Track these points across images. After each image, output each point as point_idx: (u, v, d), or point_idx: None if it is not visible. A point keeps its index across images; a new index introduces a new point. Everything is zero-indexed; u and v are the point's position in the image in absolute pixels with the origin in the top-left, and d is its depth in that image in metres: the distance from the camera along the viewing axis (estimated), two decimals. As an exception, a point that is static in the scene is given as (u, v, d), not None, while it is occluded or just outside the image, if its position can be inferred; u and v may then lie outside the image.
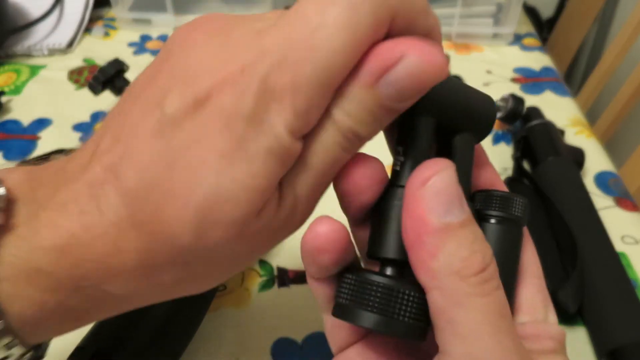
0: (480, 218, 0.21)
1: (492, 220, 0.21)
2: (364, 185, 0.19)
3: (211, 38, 0.19)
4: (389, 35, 0.18)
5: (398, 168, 0.20)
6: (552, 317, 0.21)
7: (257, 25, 0.18)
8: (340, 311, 0.19)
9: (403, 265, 0.19)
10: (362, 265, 0.23)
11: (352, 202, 0.20)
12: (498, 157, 0.52)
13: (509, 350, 0.17)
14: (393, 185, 0.20)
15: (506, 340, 0.17)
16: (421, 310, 0.18)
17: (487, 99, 0.21)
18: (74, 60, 0.67)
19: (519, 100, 0.53)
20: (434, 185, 0.17)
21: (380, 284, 0.18)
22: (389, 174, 0.21)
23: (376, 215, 0.20)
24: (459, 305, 0.17)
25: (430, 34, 0.20)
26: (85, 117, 0.57)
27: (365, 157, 0.20)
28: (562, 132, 0.52)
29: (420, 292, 0.18)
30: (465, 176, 0.20)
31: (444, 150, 0.21)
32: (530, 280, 0.21)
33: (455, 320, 0.17)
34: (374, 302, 0.18)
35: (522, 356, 0.17)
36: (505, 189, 0.23)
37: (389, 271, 0.19)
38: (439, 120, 0.20)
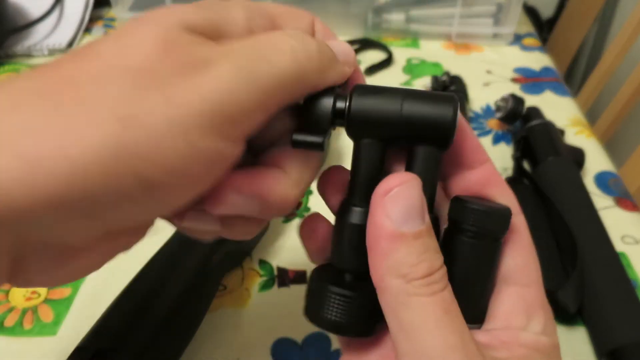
0: (455, 229, 0.21)
1: (464, 235, 0.21)
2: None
3: None
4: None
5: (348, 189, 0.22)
6: (537, 326, 0.21)
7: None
8: (306, 313, 0.21)
9: (359, 273, 0.21)
10: None
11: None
12: (498, 157, 0.52)
13: (454, 347, 0.18)
14: (346, 203, 0.21)
15: (452, 337, 0.18)
16: (370, 312, 0.20)
17: (444, 102, 0.20)
18: (74, 60, 0.67)
19: (519, 100, 0.53)
20: (395, 195, 0.19)
21: (331, 290, 0.20)
22: None
23: (336, 227, 0.22)
24: (404, 305, 0.18)
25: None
26: (85, 117, 0.57)
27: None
28: (562, 132, 0.52)
29: (367, 297, 0.20)
30: (426, 187, 0.20)
31: (410, 163, 0.21)
32: (512, 289, 0.21)
33: (400, 318, 0.18)
34: (329, 307, 0.20)
35: (468, 353, 0.18)
36: (503, 186, 0.22)
37: (347, 277, 0.21)
38: (383, 140, 0.21)
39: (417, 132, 0.20)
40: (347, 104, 0.20)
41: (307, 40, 0.20)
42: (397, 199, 0.19)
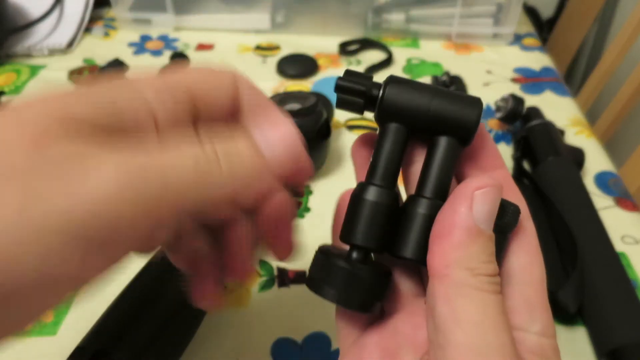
0: None
1: None
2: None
3: None
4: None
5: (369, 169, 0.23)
6: (538, 326, 0.21)
7: None
8: (310, 283, 0.22)
9: (367, 252, 0.22)
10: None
11: None
12: (498, 157, 0.52)
13: (506, 347, 0.18)
14: (367, 183, 0.22)
15: (504, 337, 0.18)
16: (372, 289, 0.21)
17: (470, 103, 0.21)
18: (74, 60, 0.67)
19: (519, 100, 0.53)
20: (485, 193, 0.19)
21: (341, 266, 0.21)
22: None
23: (350, 206, 0.22)
24: (467, 297, 0.18)
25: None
26: (85, 117, 0.57)
27: None
28: (562, 132, 0.52)
29: (373, 276, 0.21)
30: (441, 176, 0.21)
31: (431, 151, 0.22)
32: (515, 288, 0.21)
33: (458, 309, 0.18)
34: (335, 280, 0.21)
35: (515, 355, 0.18)
36: (515, 191, 0.23)
37: (354, 255, 0.22)
38: (408, 127, 0.22)
39: (442, 127, 0.21)
40: (382, 91, 0.21)
41: (220, 149, 0.18)
42: (486, 198, 0.19)
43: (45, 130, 0.15)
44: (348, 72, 0.22)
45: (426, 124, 0.21)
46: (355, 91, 0.22)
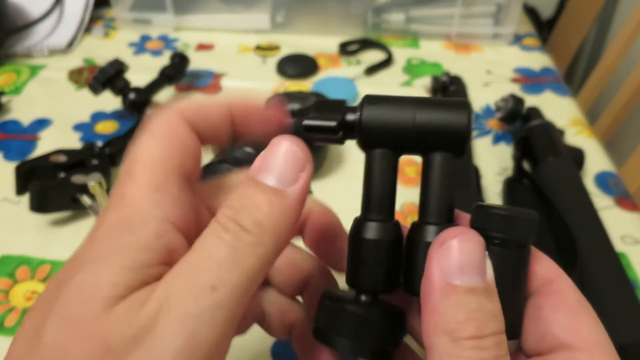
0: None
1: (490, 243, 0.19)
2: None
3: None
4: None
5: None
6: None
7: None
8: (318, 334, 0.20)
9: (376, 293, 0.20)
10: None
11: None
12: (498, 157, 0.52)
13: None
14: (361, 219, 0.20)
15: None
16: (387, 334, 0.20)
17: (457, 108, 0.19)
18: (74, 60, 0.67)
19: (518, 101, 0.53)
20: (450, 246, 0.18)
21: (350, 311, 0.19)
22: None
23: (350, 247, 0.21)
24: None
25: None
26: (85, 118, 0.57)
27: None
28: (562, 132, 0.52)
29: (387, 319, 0.19)
30: (442, 197, 0.20)
31: (426, 171, 0.20)
32: (564, 355, 0.19)
33: None
34: (346, 328, 0.19)
35: None
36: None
37: (363, 298, 0.20)
38: (396, 149, 0.20)
39: (431, 141, 0.20)
40: (358, 115, 0.20)
41: (245, 219, 0.18)
42: (453, 251, 0.18)
43: (109, 302, 0.16)
44: (316, 105, 0.21)
45: (413, 141, 0.20)
46: (327, 129, 0.20)
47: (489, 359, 0.17)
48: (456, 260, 0.18)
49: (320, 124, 0.20)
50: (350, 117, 0.20)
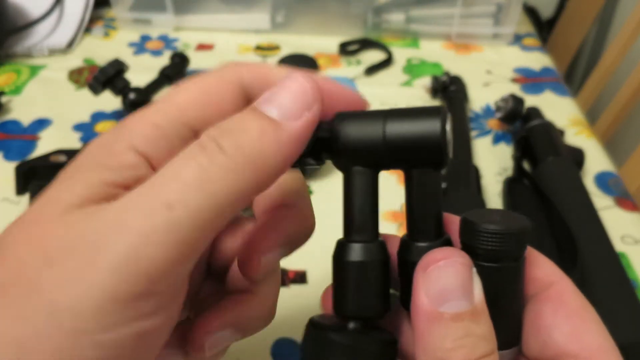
0: (469, 253, 0.19)
1: (479, 259, 0.18)
2: None
3: None
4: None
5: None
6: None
7: None
8: None
9: (365, 319, 0.19)
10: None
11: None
12: (498, 157, 0.52)
13: None
14: (343, 241, 0.19)
15: None
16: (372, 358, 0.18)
17: (429, 115, 0.18)
18: (74, 60, 0.67)
19: (518, 101, 0.53)
20: (434, 271, 0.17)
21: (338, 342, 0.18)
22: None
23: (335, 272, 0.20)
24: None
25: None
26: (85, 118, 0.57)
27: None
28: (562, 132, 0.52)
29: (375, 348, 0.18)
30: (427, 215, 0.19)
31: (408, 189, 0.20)
32: None
33: None
34: (334, 358, 0.18)
35: None
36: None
37: (351, 325, 0.19)
38: (372, 166, 0.19)
39: (406, 155, 0.18)
40: (330, 134, 0.19)
41: (224, 140, 0.16)
42: (437, 276, 0.17)
43: (65, 211, 0.16)
44: None
45: (387, 157, 0.18)
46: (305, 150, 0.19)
47: None
48: (440, 286, 0.17)
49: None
50: (324, 133, 0.19)
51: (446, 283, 0.17)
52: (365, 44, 0.70)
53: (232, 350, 0.36)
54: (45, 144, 0.53)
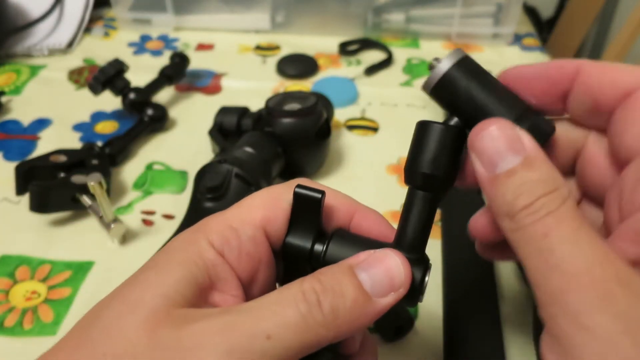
0: None
1: None
2: None
3: None
4: None
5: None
6: None
7: None
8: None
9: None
10: None
11: None
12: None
13: (547, 271, 0.17)
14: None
15: (541, 260, 0.18)
16: None
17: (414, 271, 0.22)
18: (74, 60, 0.67)
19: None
20: (480, 139, 0.20)
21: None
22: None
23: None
24: (514, 243, 0.19)
25: None
26: (85, 117, 0.57)
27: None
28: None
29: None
30: (417, 229, 0.22)
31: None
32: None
33: (519, 256, 0.19)
34: None
35: (559, 269, 0.17)
36: None
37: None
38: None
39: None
40: (324, 249, 0.22)
41: (325, 297, 0.19)
42: (482, 145, 0.19)
43: (154, 315, 0.18)
44: (299, 186, 0.22)
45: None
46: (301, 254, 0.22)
47: (542, 216, 0.18)
48: (490, 151, 0.19)
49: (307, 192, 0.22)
50: (318, 248, 0.22)
51: (495, 146, 0.19)
52: (365, 44, 0.70)
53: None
54: (45, 144, 0.53)
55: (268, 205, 0.22)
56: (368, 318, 0.19)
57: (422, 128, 0.22)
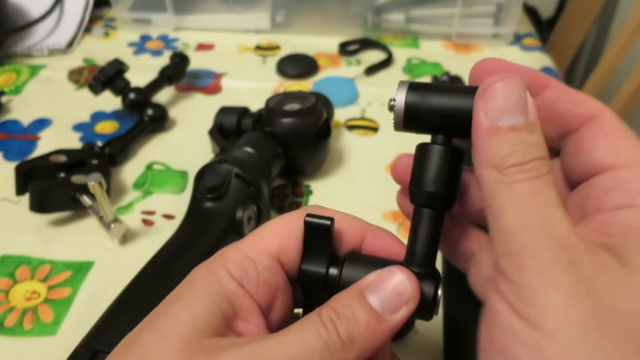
0: None
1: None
2: None
3: None
4: None
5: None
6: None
7: None
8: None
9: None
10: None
11: None
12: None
13: (532, 226, 0.18)
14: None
15: (532, 217, 0.18)
16: None
17: (426, 286, 0.22)
18: (74, 60, 0.67)
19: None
20: (492, 91, 0.20)
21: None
22: None
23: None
24: (495, 192, 0.19)
25: None
26: (85, 117, 0.57)
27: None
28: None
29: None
30: (425, 246, 0.22)
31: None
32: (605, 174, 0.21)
33: (491, 205, 0.19)
34: None
35: (550, 232, 0.18)
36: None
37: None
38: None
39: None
40: (338, 274, 0.23)
41: (341, 325, 0.20)
42: (494, 96, 0.20)
43: (185, 346, 0.19)
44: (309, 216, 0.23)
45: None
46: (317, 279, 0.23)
47: (531, 177, 0.19)
48: (499, 104, 0.20)
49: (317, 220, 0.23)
50: (332, 271, 0.23)
51: (505, 100, 0.20)
52: (365, 44, 0.70)
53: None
54: (45, 144, 0.53)
55: (282, 234, 0.23)
56: (384, 335, 0.20)
57: (422, 149, 0.23)
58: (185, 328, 0.19)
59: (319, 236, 0.23)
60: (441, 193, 0.22)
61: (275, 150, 0.44)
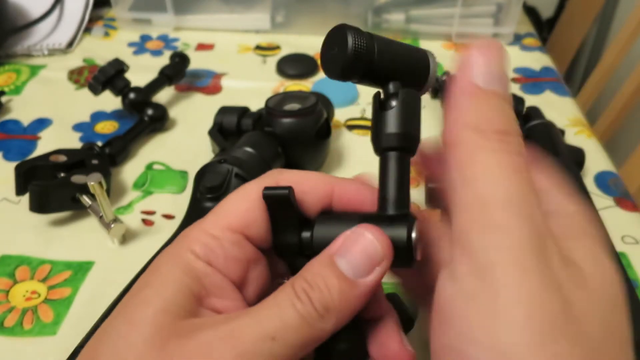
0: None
1: None
2: None
3: None
4: None
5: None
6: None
7: None
8: None
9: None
10: None
11: None
12: (498, 157, 0.52)
13: (512, 198, 0.17)
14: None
15: (513, 188, 0.17)
16: None
17: (397, 228, 0.21)
18: (74, 60, 0.67)
19: (519, 100, 0.53)
20: (480, 54, 0.20)
21: None
22: None
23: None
24: (474, 155, 0.18)
25: None
26: (85, 117, 0.57)
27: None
28: (562, 132, 0.52)
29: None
30: (397, 188, 0.22)
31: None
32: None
33: (466, 169, 0.18)
34: None
35: (526, 206, 0.17)
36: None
37: None
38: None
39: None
40: (310, 239, 0.22)
41: (314, 294, 0.20)
42: (482, 59, 0.20)
43: (157, 331, 0.19)
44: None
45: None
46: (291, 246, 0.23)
47: (514, 151, 0.18)
48: (486, 67, 0.19)
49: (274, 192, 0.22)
50: (305, 234, 0.22)
51: (491, 65, 0.20)
52: (365, 44, 0.69)
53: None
54: (45, 144, 0.53)
55: (243, 208, 0.22)
56: (360, 299, 0.20)
57: (378, 98, 0.23)
58: (157, 313, 0.19)
59: (283, 206, 0.22)
60: (402, 132, 0.22)
61: (275, 150, 0.44)
